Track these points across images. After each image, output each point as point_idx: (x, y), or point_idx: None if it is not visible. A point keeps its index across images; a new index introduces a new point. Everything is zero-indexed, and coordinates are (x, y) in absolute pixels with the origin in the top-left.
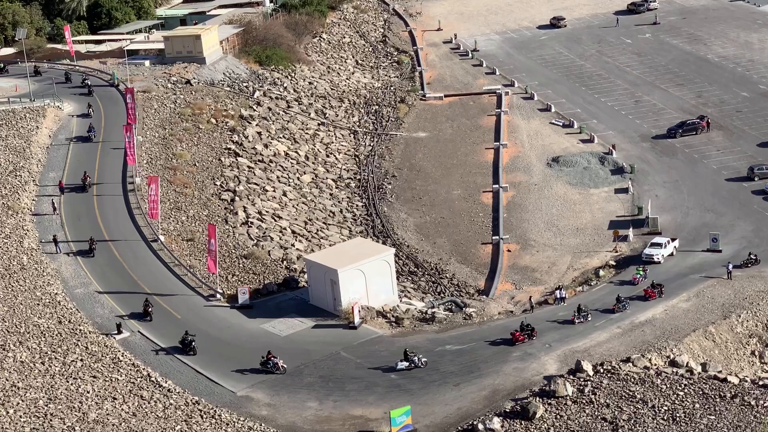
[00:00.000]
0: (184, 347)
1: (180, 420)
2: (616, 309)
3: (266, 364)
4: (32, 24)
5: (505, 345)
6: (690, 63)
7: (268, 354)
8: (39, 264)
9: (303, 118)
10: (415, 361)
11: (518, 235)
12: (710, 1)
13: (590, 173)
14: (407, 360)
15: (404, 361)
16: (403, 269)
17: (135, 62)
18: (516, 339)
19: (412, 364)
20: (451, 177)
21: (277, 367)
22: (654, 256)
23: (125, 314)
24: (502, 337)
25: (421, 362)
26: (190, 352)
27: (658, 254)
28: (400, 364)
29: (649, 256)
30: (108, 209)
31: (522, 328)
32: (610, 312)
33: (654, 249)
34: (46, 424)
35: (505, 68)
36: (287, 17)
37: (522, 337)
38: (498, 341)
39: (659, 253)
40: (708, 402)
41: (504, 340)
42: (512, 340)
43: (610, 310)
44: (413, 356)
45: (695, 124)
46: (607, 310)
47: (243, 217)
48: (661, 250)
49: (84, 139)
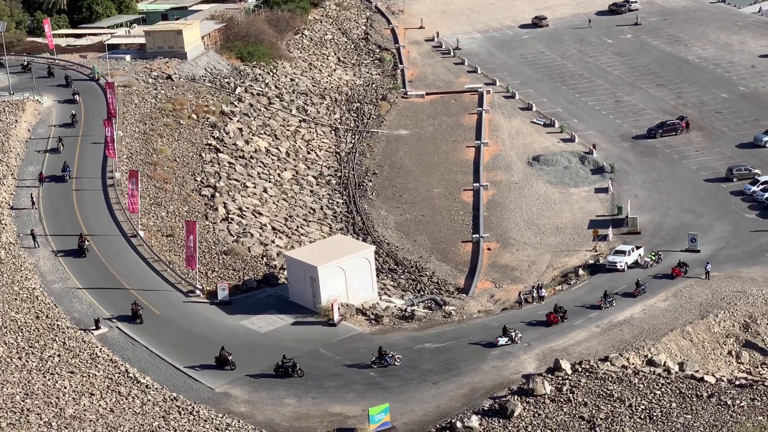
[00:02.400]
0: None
1: (158, 416)
2: (637, 293)
3: (220, 359)
4: (12, 17)
5: (483, 344)
6: (670, 64)
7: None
8: (17, 258)
9: (284, 114)
10: (512, 337)
11: (498, 234)
12: (691, 3)
13: (570, 172)
14: (506, 335)
15: (503, 337)
16: (383, 267)
17: (116, 57)
18: (551, 321)
19: (510, 340)
20: (431, 175)
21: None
22: (617, 264)
23: (113, 316)
24: (482, 339)
25: (517, 338)
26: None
27: (621, 262)
28: (501, 339)
29: (612, 263)
30: (87, 204)
31: (556, 309)
32: (632, 296)
33: (617, 256)
34: (23, 420)
35: (486, 67)
36: (269, 13)
37: (556, 318)
38: (479, 342)
39: (622, 261)
40: (685, 401)
41: (485, 343)
42: (547, 322)
43: (632, 294)
44: (512, 332)
45: (675, 125)
46: (628, 294)
47: (223, 213)
48: (624, 257)
49: (68, 125)
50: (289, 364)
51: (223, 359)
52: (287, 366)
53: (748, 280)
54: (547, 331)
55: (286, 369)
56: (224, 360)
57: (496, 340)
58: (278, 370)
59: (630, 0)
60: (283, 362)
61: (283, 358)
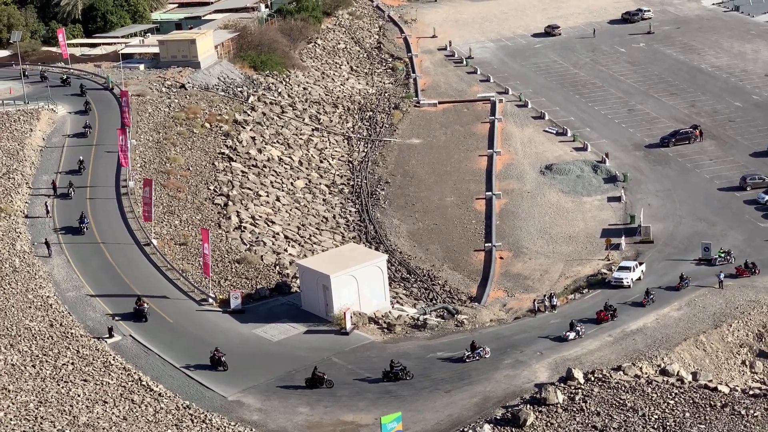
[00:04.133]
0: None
1: (170, 424)
2: (680, 286)
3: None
4: (27, 27)
5: (551, 338)
6: (683, 72)
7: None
8: (31, 267)
9: (297, 123)
10: (579, 332)
11: (511, 243)
12: (704, 11)
13: (583, 181)
14: (573, 330)
15: (571, 332)
16: (396, 275)
17: (130, 66)
18: (601, 318)
19: (577, 335)
20: (444, 184)
21: None
22: (623, 280)
23: (117, 317)
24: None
25: (580, 334)
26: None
27: (627, 278)
28: (570, 334)
29: (618, 279)
30: (101, 212)
31: (606, 307)
32: (675, 289)
33: (623, 273)
34: (37, 428)
35: (499, 76)
36: (282, 23)
37: (606, 316)
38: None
39: (628, 277)
40: (698, 411)
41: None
42: (597, 319)
43: (675, 288)
44: (578, 327)
45: (688, 134)
46: (671, 288)
47: (236, 221)
48: (629, 273)
49: (80, 134)
50: (399, 367)
51: (217, 360)
52: (397, 370)
53: (762, 290)
54: (547, 344)
55: (396, 373)
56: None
57: (565, 334)
58: (387, 375)
59: (643, 8)
60: (393, 367)
61: (392, 363)
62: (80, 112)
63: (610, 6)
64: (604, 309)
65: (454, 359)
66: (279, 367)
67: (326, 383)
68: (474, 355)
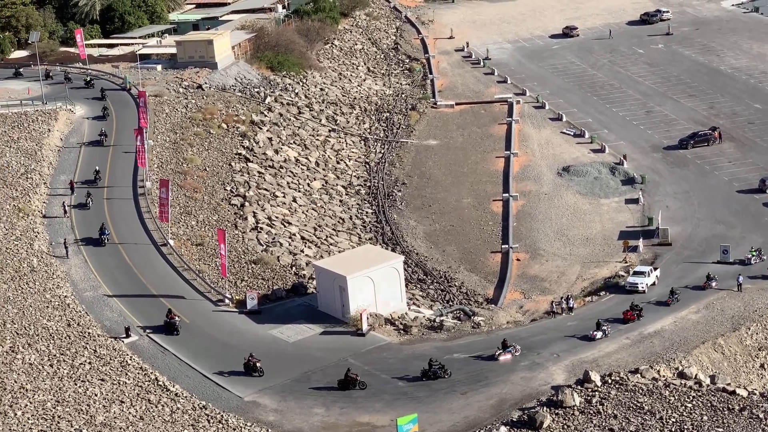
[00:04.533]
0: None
1: (187, 424)
2: (707, 286)
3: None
4: (45, 27)
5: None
6: (702, 74)
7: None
8: (49, 266)
9: (314, 124)
10: (605, 331)
11: (528, 245)
12: (724, 13)
13: (601, 183)
14: (600, 330)
15: (598, 331)
16: (412, 277)
17: (147, 66)
18: (627, 318)
19: (604, 335)
20: (461, 185)
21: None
22: (638, 285)
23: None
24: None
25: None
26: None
27: (642, 283)
28: (597, 333)
29: (633, 284)
30: (118, 212)
31: (632, 307)
32: (701, 288)
33: (638, 278)
34: (54, 427)
35: (516, 77)
36: (299, 23)
37: (633, 315)
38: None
39: (643, 282)
40: (716, 415)
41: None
42: (624, 319)
43: (701, 287)
44: (605, 327)
45: (707, 136)
46: (697, 287)
47: (252, 222)
48: (644, 278)
49: (95, 143)
50: (437, 366)
51: (252, 365)
52: (436, 368)
53: None
54: (576, 342)
55: (435, 372)
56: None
57: (592, 334)
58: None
59: (662, 9)
60: (431, 365)
61: (430, 361)
62: (98, 118)
63: (628, 7)
64: (630, 309)
65: (485, 357)
66: (295, 367)
67: (359, 384)
68: (505, 353)
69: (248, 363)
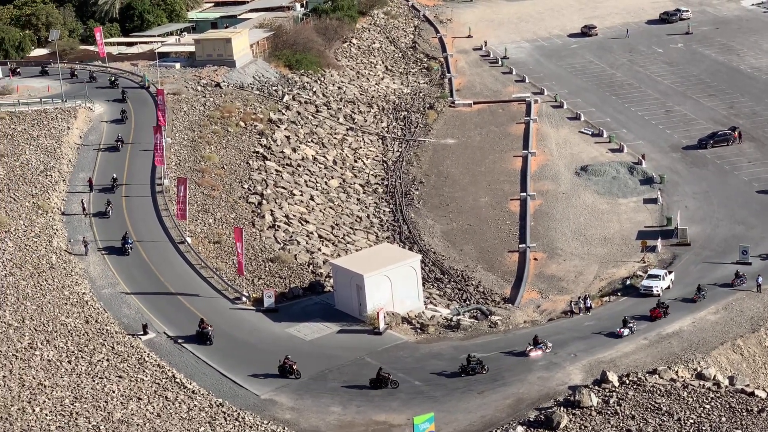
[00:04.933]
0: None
1: (204, 422)
2: (735, 284)
3: (283, 367)
4: (65, 25)
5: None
6: (722, 73)
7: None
8: (67, 263)
9: (331, 122)
10: (632, 328)
11: (545, 244)
12: (744, 12)
13: (619, 183)
14: (626, 327)
15: (624, 328)
16: (429, 276)
17: (166, 64)
18: (655, 315)
19: (630, 331)
20: (478, 184)
21: None
22: (653, 288)
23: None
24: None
25: (633, 330)
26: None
27: (656, 286)
28: (624, 331)
29: (648, 287)
30: (136, 210)
31: (658, 304)
32: (729, 286)
33: (653, 281)
34: (72, 423)
35: (534, 76)
36: (317, 22)
37: (659, 313)
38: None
39: (657, 285)
40: (735, 416)
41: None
42: (651, 316)
43: (729, 284)
44: (631, 324)
45: (726, 135)
46: (725, 284)
47: (270, 220)
48: (659, 282)
49: (112, 148)
50: (475, 361)
51: (288, 368)
52: (474, 364)
53: None
54: (593, 342)
55: (474, 367)
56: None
57: (619, 331)
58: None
59: (681, 9)
60: (470, 361)
61: (469, 357)
62: (116, 121)
63: (647, 6)
64: (657, 306)
65: (516, 353)
66: (312, 366)
67: (391, 383)
68: (536, 349)
69: (284, 365)
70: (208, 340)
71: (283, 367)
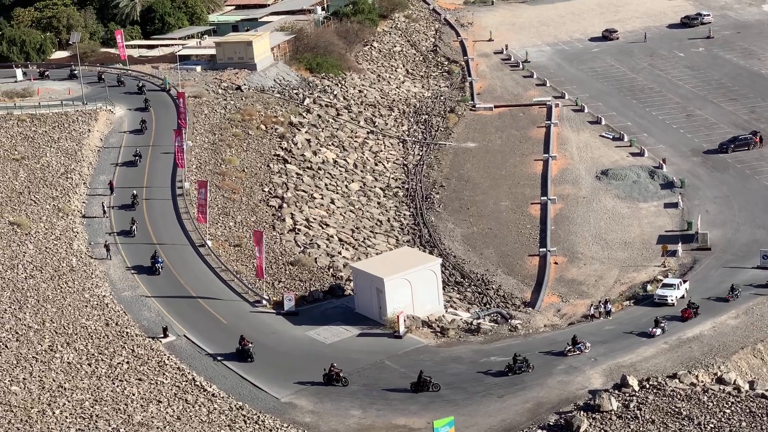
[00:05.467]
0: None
1: (224, 425)
2: (730, 298)
3: (329, 375)
4: (86, 28)
5: (550, 356)
6: (743, 78)
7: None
8: (88, 266)
9: (352, 126)
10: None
11: (565, 248)
12: (765, 16)
13: (639, 187)
14: (658, 327)
15: (656, 328)
16: (450, 279)
17: (186, 67)
18: (686, 316)
19: (662, 331)
20: (499, 188)
21: None
22: (668, 298)
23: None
24: (549, 350)
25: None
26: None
27: (671, 296)
28: (656, 330)
29: (662, 297)
30: (157, 213)
31: (689, 305)
32: (765, 287)
33: (667, 290)
34: (92, 426)
35: (555, 80)
36: (338, 25)
37: (690, 313)
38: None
39: (672, 295)
40: (755, 420)
41: (553, 353)
42: (682, 317)
43: (765, 285)
44: (663, 324)
45: (747, 140)
46: (761, 285)
47: (290, 223)
48: (674, 291)
49: (130, 163)
50: (521, 360)
51: (334, 375)
52: (520, 364)
53: None
54: (614, 346)
55: (520, 367)
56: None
57: (651, 331)
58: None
59: (702, 13)
60: (516, 360)
61: (515, 356)
62: (135, 131)
63: (668, 10)
64: (688, 306)
65: (555, 352)
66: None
67: (432, 386)
68: (575, 350)
69: (329, 374)
70: (249, 357)
71: (329, 375)
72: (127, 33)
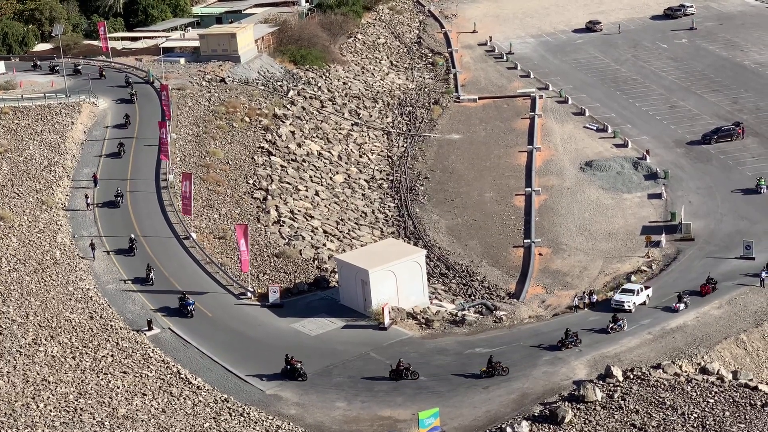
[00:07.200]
0: None
1: (209, 417)
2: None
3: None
4: (69, 20)
5: (534, 348)
6: (726, 69)
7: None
8: (72, 259)
9: (337, 118)
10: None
11: (550, 239)
12: (748, 7)
13: (623, 178)
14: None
15: (680, 303)
16: (434, 271)
17: (170, 60)
18: (705, 291)
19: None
20: (483, 179)
21: None
22: (624, 303)
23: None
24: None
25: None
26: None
27: (629, 301)
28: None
29: (619, 303)
30: (141, 206)
31: (708, 280)
32: (701, 294)
33: (625, 296)
34: (76, 419)
35: (539, 71)
36: (322, 17)
37: (709, 288)
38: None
39: (630, 301)
40: (738, 410)
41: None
42: (702, 292)
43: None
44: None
45: (730, 131)
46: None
47: (275, 216)
48: (632, 297)
49: (114, 154)
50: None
51: (292, 369)
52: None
53: None
54: (598, 337)
55: (572, 341)
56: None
57: (675, 306)
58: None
59: (685, 4)
60: (567, 334)
61: (567, 330)
62: (119, 126)
63: (651, 1)
64: (707, 282)
65: (597, 330)
66: (317, 361)
67: (411, 375)
68: (616, 327)
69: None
70: (300, 376)
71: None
72: (110, 25)
